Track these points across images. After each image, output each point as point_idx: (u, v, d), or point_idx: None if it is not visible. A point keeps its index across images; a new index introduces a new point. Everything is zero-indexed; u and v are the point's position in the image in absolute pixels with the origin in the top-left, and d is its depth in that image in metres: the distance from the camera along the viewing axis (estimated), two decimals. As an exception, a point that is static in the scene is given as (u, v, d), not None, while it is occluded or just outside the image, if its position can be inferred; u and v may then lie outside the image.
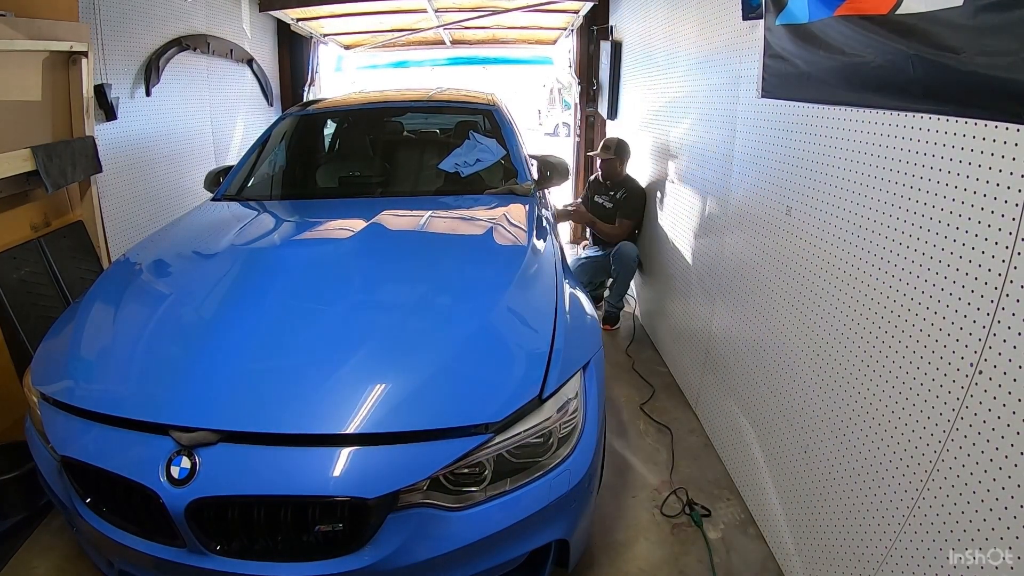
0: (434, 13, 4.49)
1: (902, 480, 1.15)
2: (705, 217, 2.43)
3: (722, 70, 2.19)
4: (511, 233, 1.92)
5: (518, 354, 1.34)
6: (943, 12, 0.97)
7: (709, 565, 1.70)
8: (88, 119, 2.42)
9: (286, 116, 2.90)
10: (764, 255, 1.82)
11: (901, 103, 1.14)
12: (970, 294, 0.99)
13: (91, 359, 1.38)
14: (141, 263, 1.81)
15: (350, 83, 6.80)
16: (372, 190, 2.50)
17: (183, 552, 1.13)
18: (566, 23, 4.98)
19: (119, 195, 2.85)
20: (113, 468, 1.14)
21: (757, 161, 1.89)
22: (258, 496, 1.09)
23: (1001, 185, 0.93)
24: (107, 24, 2.69)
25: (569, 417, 1.28)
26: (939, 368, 1.06)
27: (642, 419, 2.48)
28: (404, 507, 1.13)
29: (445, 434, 1.15)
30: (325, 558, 1.11)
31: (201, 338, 1.37)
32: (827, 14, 1.31)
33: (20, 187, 2.14)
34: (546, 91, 17.72)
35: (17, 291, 2.10)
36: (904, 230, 1.17)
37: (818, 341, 1.49)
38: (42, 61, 2.19)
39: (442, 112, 3.32)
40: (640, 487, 2.04)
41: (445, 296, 1.53)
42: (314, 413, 1.15)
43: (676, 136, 2.84)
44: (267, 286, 1.54)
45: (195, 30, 3.46)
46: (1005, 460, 0.91)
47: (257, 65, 4.34)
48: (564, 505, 1.25)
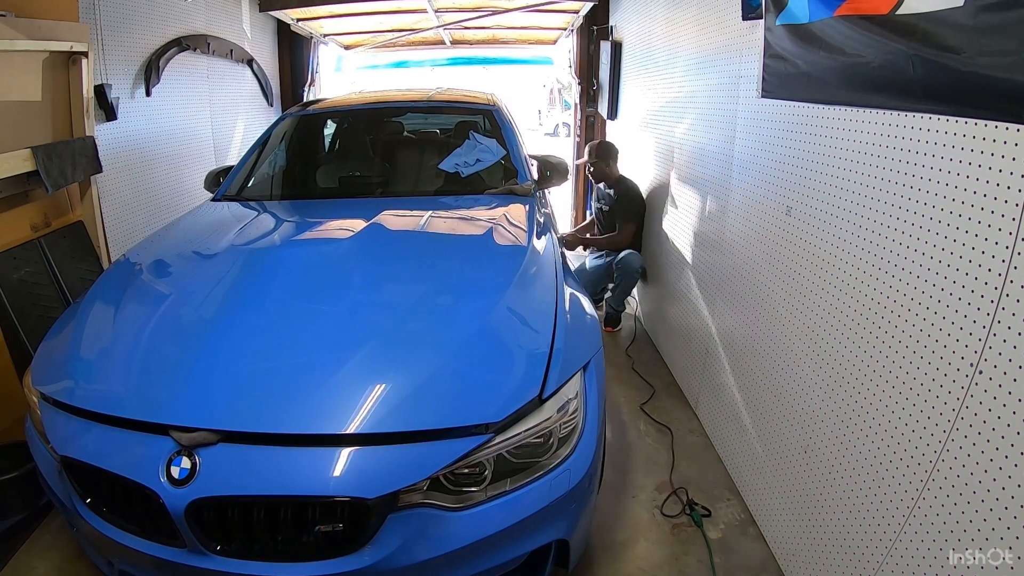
0: (434, 13, 4.49)
1: (902, 480, 1.15)
2: (705, 217, 2.43)
3: (722, 70, 2.19)
4: (511, 233, 1.92)
5: (518, 354, 1.34)
6: (943, 12, 0.97)
7: (709, 565, 1.70)
8: (88, 119, 2.42)
9: (286, 116, 2.90)
10: (764, 255, 1.82)
11: (901, 103, 1.14)
12: (970, 294, 0.99)
13: (91, 359, 1.38)
14: (141, 263, 1.81)
15: (350, 83, 6.80)
16: (372, 190, 2.50)
17: (183, 552, 1.13)
18: (566, 23, 4.98)
19: (119, 195, 2.85)
20: (113, 468, 1.14)
21: (757, 161, 1.89)
22: (258, 496, 1.09)
23: (1001, 185, 0.93)
24: (107, 24, 2.69)
25: (569, 417, 1.28)
26: (939, 368, 1.06)
27: (642, 419, 2.48)
28: (404, 507, 1.13)
29: (445, 434, 1.15)
30: (325, 558, 1.11)
31: (201, 338, 1.37)
32: (827, 14, 1.31)
33: (20, 187, 2.14)
34: (546, 91, 17.74)
35: (17, 291, 2.10)
36: (904, 230, 1.17)
37: (818, 341, 1.49)
38: (42, 61, 2.19)
39: (442, 112, 3.32)
40: (640, 487, 2.04)
41: (445, 296, 1.53)
42: (314, 413, 1.15)
43: (676, 136, 2.84)
44: (267, 286, 1.54)
45: (195, 30, 3.46)
46: (1005, 460, 0.91)
47: (257, 65, 4.34)
48: (564, 505, 1.25)
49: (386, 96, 3.28)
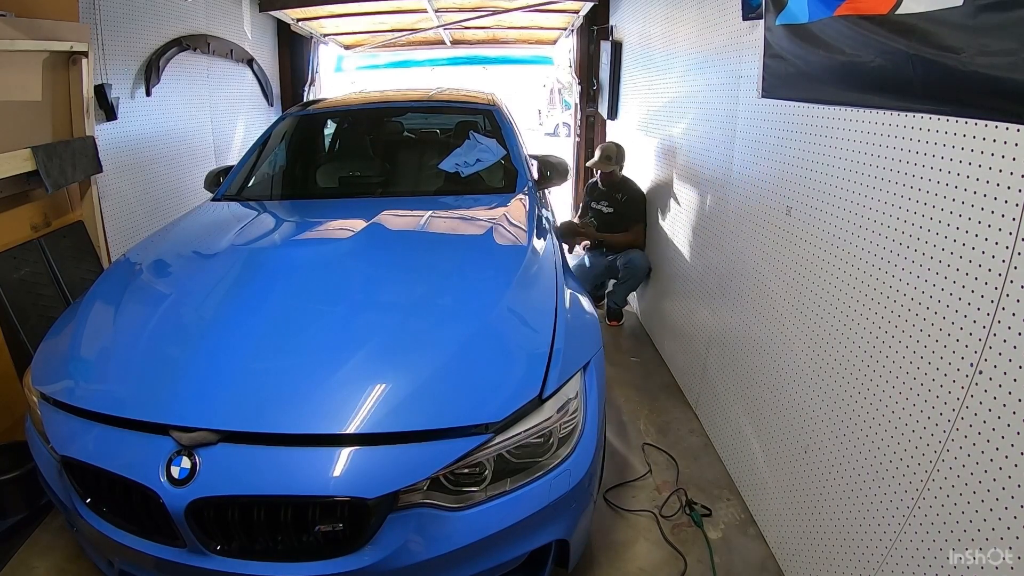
0: (434, 13, 4.49)
1: (902, 480, 1.15)
2: (705, 217, 2.43)
3: (722, 70, 2.19)
4: (511, 233, 1.92)
5: (518, 354, 1.34)
6: (943, 12, 0.97)
7: (709, 565, 1.70)
8: (88, 119, 2.42)
9: (286, 116, 2.91)
10: (764, 255, 1.82)
11: (901, 103, 1.14)
12: (970, 294, 0.99)
13: (91, 359, 1.38)
14: (141, 263, 1.80)
15: (350, 83, 6.80)
16: (372, 190, 2.50)
17: (183, 552, 1.13)
18: (566, 23, 4.98)
19: (119, 195, 2.85)
20: (113, 468, 1.14)
21: (757, 161, 1.89)
22: (258, 496, 1.09)
23: (1001, 185, 0.93)
24: (107, 24, 2.69)
25: (569, 417, 1.28)
26: (939, 368, 1.06)
27: (642, 419, 2.48)
28: (404, 507, 1.13)
29: (445, 434, 1.15)
30: (325, 558, 1.11)
31: (201, 338, 1.37)
32: (827, 14, 1.31)
33: (20, 187, 2.14)
34: (546, 91, 17.73)
35: (17, 291, 2.10)
36: (904, 230, 1.17)
37: (818, 341, 1.49)
38: (42, 61, 2.19)
39: (442, 112, 3.32)
40: (640, 487, 2.05)
41: (445, 296, 1.53)
42: (314, 413, 1.15)
43: (676, 136, 2.84)
44: (267, 286, 1.54)
45: (195, 30, 3.46)
46: (1005, 460, 0.91)
47: (257, 65, 4.34)
48: (564, 505, 1.25)
49: (386, 96, 3.28)
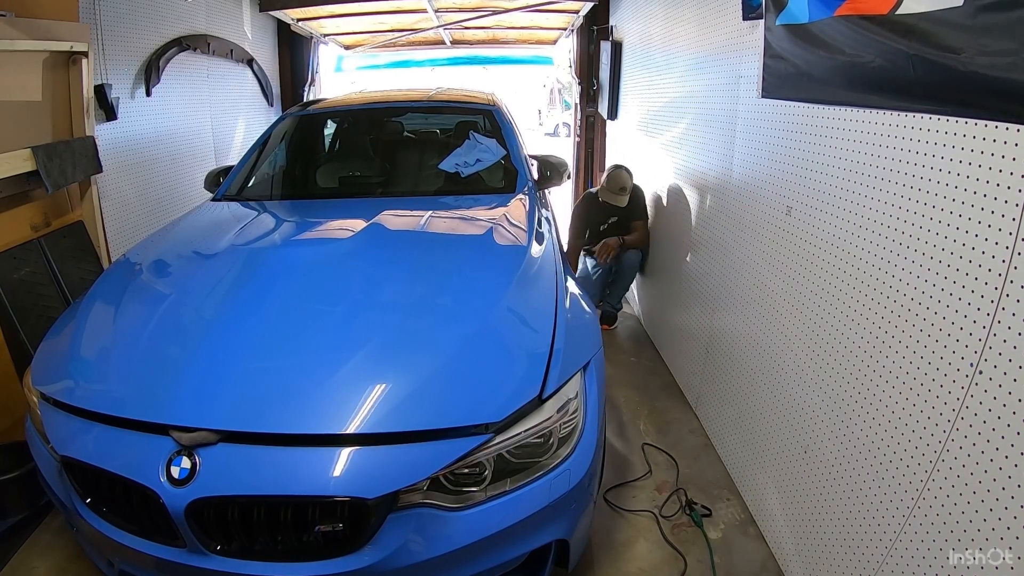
0: (434, 13, 4.49)
1: (902, 480, 1.15)
2: (705, 217, 2.43)
3: (722, 70, 2.19)
4: (511, 233, 1.92)
5: (518, 354, 1.34)
6: (943, 12, 0.97)
7: (709, 565, 1.70)
8: (88, 119, 2.42)
9: (286, 116, 2.90)
10: (764, 255, 1.82)
11: (901, 103, 1.14)
12: (970, 294, 0.99)
13: (91, 359, 1.38)
14: (141, 263, 1.80)
15: (350, 83, 6.80)
16: (372, 190, 2.50)
17: (183, 552, 1.13)
18: (566, 23, 4.98)
19: (119, 195, 2.85)
20: (113, 468, 1.14)
21: (757, 161, 1.89)
22: (258, 496, 1.09)
23: (1001, 185, 0.93)
24: (107, 24, 2.69)
25: (569, 417, 1.28)
26: (939, 368, 1.06)
27: (642, 419, 2.48)
28: (404, 507, 1.13)
29: (445, 434, 1.15)
30: (325, 558, 1.11)
31: (201, 338, 1.37)
32: (827, 14, 1.31)
33: (20, 187, 2.14)
34: (546, 91, 17.72)
35: (17, 291, 2.10)
36: (904, 230, 1.17)
37: (818, 341, 1.49)
38: (42, 61, 2.19)
39: (442, 112, 3.32)
40: (640, 487, 2.04)
41: (445, 296, 1.52)
42: (314, 413, 1.15)
43: (676, 136, 2.84)
44: (267, 286, 1.54)
45: (195, 30, 3.46)
46: (1005, 460, 0.91)
47: (257, 65, 4.34)
48: (564, 505, 1.25)
49: (386, 96, 3.28)
